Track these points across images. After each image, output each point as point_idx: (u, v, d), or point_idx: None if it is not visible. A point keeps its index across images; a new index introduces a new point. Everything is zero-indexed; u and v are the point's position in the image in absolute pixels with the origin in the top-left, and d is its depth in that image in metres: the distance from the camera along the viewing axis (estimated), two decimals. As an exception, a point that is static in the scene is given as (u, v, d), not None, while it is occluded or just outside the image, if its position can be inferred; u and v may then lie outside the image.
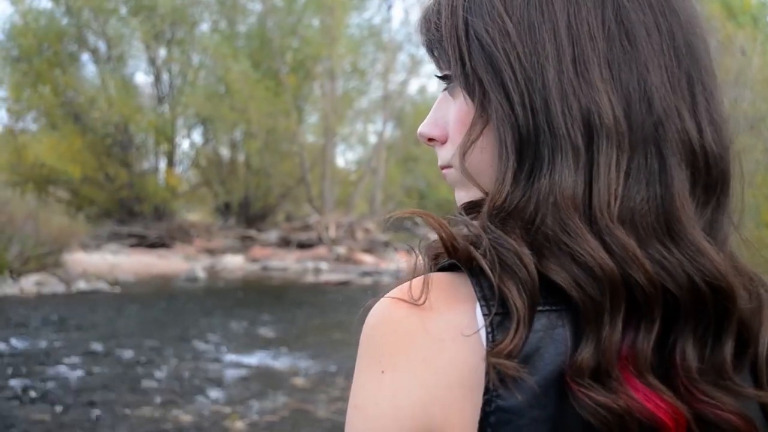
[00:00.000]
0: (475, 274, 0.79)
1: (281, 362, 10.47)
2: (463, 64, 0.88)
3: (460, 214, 0.90)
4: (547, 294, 0.77)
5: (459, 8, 0.90)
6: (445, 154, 0.98)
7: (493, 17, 0.87)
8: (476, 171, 0.90)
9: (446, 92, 0.96)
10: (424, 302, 0.78)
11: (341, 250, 28.67)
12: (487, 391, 0.75)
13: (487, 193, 0.86)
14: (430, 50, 0.97)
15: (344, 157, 53.80)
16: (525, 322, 0.75)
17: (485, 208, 0.84)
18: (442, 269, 0.84)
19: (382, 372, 0.78)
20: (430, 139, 1.00)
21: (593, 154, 0.81)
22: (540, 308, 0.77)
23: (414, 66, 38.21)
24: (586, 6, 0.84)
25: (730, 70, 10.23)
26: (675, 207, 0.79)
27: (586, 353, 0.74)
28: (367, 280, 22.45)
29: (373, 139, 40.52)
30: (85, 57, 36.06)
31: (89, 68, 37.28)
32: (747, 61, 10.65)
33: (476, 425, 0.75)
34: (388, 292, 0.83)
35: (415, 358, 0.77)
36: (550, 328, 0.77)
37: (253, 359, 10.64)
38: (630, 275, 0.76)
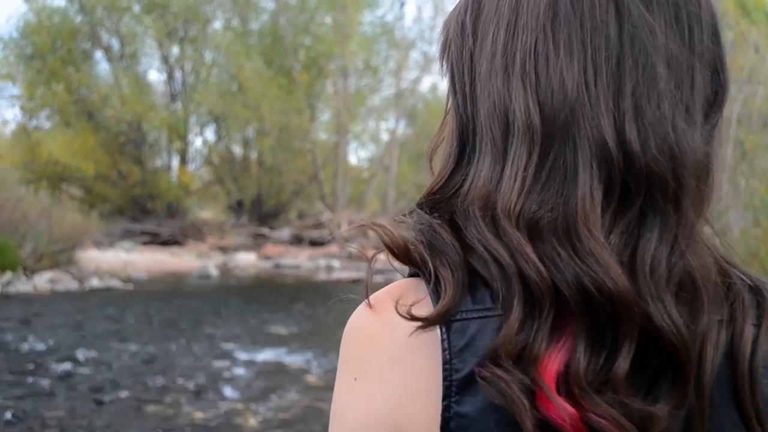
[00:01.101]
0: (425, 272, 0.81)
1: (294, 359, 10.48)
2: (441, 61, 0.94)
3: (419, 207, 0.90)
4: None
5: (456, 13, 0.93)
6: None
7: (457, 12, 0.91)
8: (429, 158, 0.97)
9: None
10: (388, 307, 0.81)
11: (353, 247, 28.64)
12: (445, 396, 0.75)
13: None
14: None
15: (357, 155, 53.98)
16: (455, 288, 0.77)
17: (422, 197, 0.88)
18: (412, 275, 0.86)
19: (355, 379, 0.80)
20: None
21: (507, 151, 0.82)
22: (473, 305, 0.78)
23: (427, 63, 38.17)
24: (523, 14, 0.83)
25: (743, 67, 10.18)
26: (576, 209, 0.76)
27: (498, 339, 0.74)
28: (380, 278, 22.37)
29: (385, 136, 40.54)
30: (99, 55, 36.21)
31: (102, 66, 37.37)
32: (761, 58, 10.60)
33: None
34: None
35: (382, 363, 0.78)
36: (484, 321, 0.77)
37: (266, 356, 10.65)
38: (522, 269, 0.74)
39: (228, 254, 28.74)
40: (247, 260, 27.50)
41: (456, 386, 0.75)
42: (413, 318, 0.76)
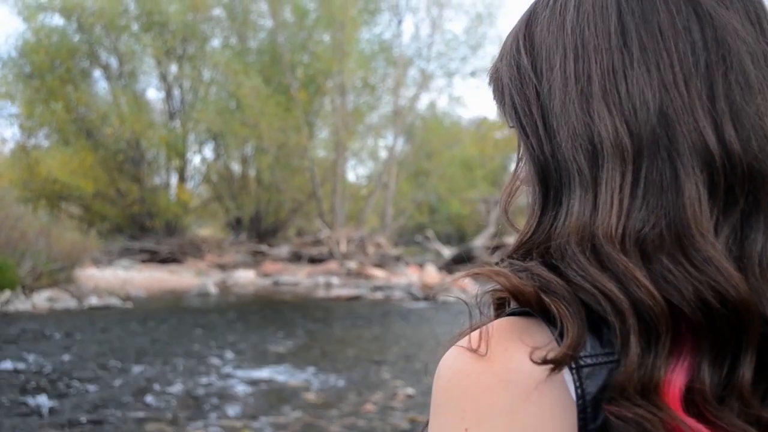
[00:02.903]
0: (550, 318, 0.76)
1: (292, 377, 10.45)
2: (504, 114, 0.92)
3: (509, 258, 0.86)
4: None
5: (498, 58, 0.94)
6: None
7: (511, 55, 0.90)
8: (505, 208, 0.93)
9: None
10: (502, 351, 0.76)
11: (352, 264, 28.65)
12: None
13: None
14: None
15: (355, 172, 53.91)
16: (578, 325, 0.74)
17: (514, 245, 0.86)
18: (511, 314, 0.81)
19: (466, 430, 0.74)
20: None
21: (597, 176, 0.79)
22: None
23: (424, 81, 38.28)
24: (594, 20, 0.84)
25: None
26: (686, 216, 0.74)
27: (620, 375, 0.71)
28: (379, 295, 22.42)
29: (383, 154, 40.60)
30: (97, 73, 36.38)
31: (101, 84, 37.49)
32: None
33: None
34: (457, 341, 0.79)
35: (500, 413, 0.73)
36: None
37: (265, 374, 10.63)
38: (635, 297, 0.72)
39: (227, 272, 28.72)
40: (245, 278, 27.47)
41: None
42: (546, 361, 0.72)
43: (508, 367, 0.74)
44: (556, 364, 0.72)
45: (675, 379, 0.71)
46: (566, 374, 0.73)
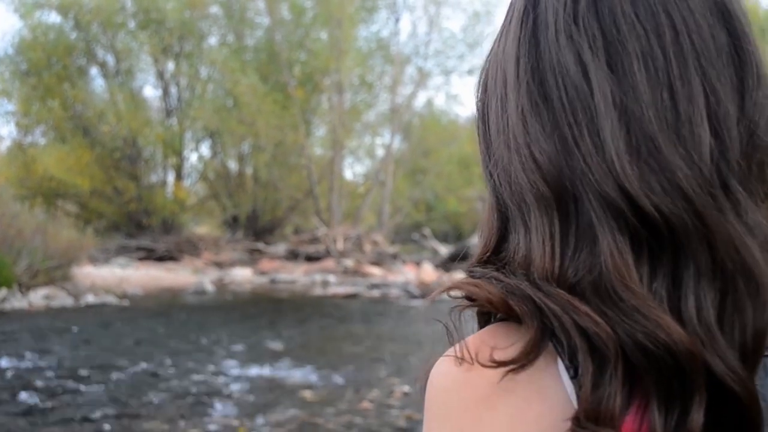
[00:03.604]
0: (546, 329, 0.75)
1: (290, 375, 10.45)
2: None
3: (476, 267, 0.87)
4: None
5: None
6: None
7: (478, 94, 0.94)
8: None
9: None
10: (498, 360, 0.74)
11: (349, 262, 28.66)
12: None
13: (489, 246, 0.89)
14: None
15: (352, 170, 54.07)
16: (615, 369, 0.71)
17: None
18: (498, 320, 0.81)
19: None
20: None
21: (527, 221, 0.80)
22: None
23: (422, 79, 38.30)
24: (506, 66, 0.85)
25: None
26: (606, 267, 0.72)
27: (580, 399, 0.70)
28: (375, 293, 22.43)
29: (380, 152, 40.62)
30: (94, 71, 36.35)
31: (98, 82, 37.58)
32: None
33: None
34: (447, 351, 0.79)
35: (501, 421, 0.73)
36: None
37: (262, 372, 10.63)
38: (576, 321, 0.71)
39: (223, 270, 28.72)
40: (242, 276, 27.47)
41: None
42: (497, 363, 0.73)
43: (496, 374, 0.73)
44: (507, 365, 0.72)
45: (631, 419, 0.69)
46: (565, 378, 0.72)
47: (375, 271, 28.10)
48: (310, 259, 30.41)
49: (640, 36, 0.78)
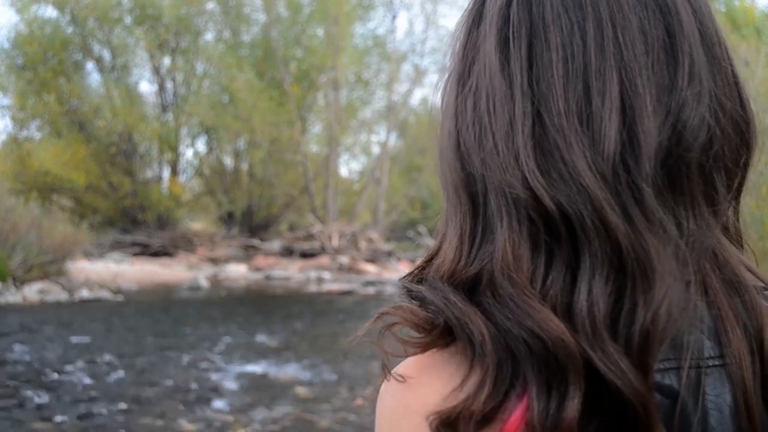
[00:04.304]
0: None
1: (284, 371, 10.46)
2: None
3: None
4: None
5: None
6: None
7: (445, 91, 0.90)
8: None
9: None
10: (418, 380, 0.77)
11: (344, 259, 28.65)
12: None
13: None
14: None
15: (348, 167, 53.95)
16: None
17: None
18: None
19: None
20: None
21: (454, 214, 0.82)
22: None
23: (418, 76, 38.29)
24: (463, 53, 0.85)
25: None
26: (497, 263, 0.74)
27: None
28: (370, 290, 22.44)
29: (376, 149, 40.60)
30: (90, 66, 36.19)
31: (94, 77, 37.37)
32: (750, 73, 10.65)
33: None
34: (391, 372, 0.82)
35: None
36: None
37: (256, 368, 10.64)
38: (449, 318, 0.75)
39: (218, 266, 28.71)
40: (237, 272, 27.46)
41: None
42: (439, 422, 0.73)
43: (417, 394, 0.76)
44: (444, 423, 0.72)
45: (514, 409, 0.70)
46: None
47: (370, 268, 28.10)
48: (305, 255, 30.39)
49: (563, 28, 0.78)
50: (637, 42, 0.77)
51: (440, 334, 0.77)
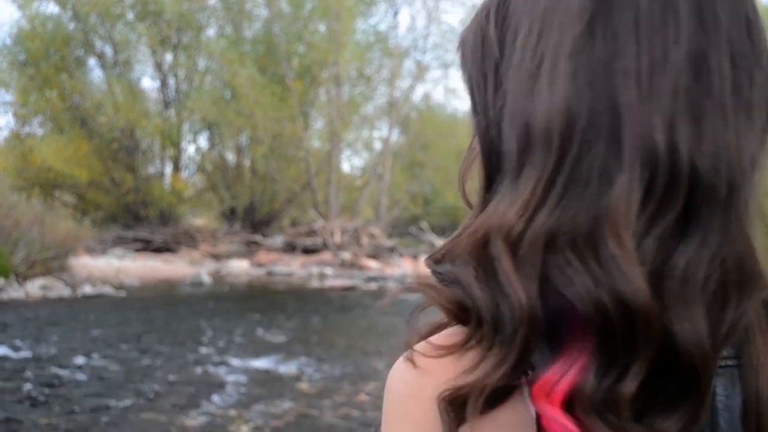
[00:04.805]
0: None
1: (286, 367, 10.46)
2: (464, 82, 0.85)
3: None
4: None
5: (468, 25, 0.86)
6: None
7: (478, 23, 0.84)
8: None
9: None
10: (430, 361, 0.74)
11: (346, 255, 28.65)
12: None
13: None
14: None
15: (350, 163, 53.98)
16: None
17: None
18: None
19: None
20: None
21: (524, 165, 0.74)
22: None
23: (420, 72, 38.24)
24: None
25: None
26: (606, 214, 0.69)
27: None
28: (373, 286, 22.43)
29: (378, 145, 40.58)
30: (92, 62, 36.25)
31: (96, 73, 37.49)
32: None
33: None
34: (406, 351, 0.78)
35: (406, 421, 0.74)
36: None
37: (258, 364, 10.64)
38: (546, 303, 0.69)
39: (221, 261, 28.72)
40: (239, 267, 27.47)
41: None
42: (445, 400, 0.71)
43: (428, 376, 0.73)
44: (453, 402, 0.71)
45: (563, 378, 0.68)
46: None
47: (372, 264, 28.10)
48: (308, 251, 30.39)
49: None
50: None
51: (464, 314, 0.75)
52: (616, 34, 0.72)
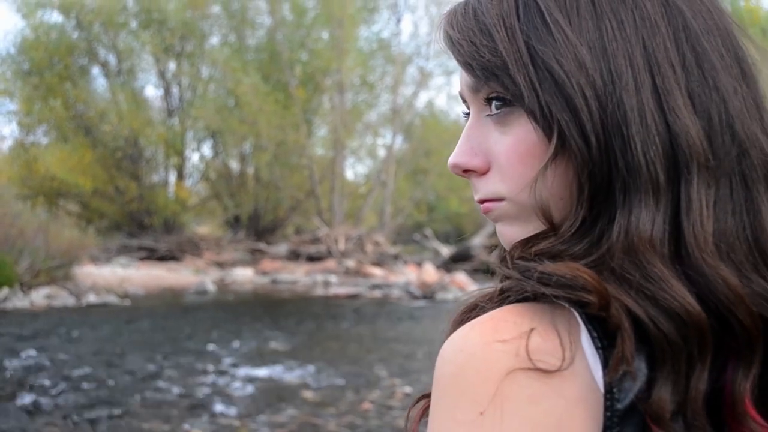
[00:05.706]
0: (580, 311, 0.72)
1: (290, 375, 10.45)
2: (537, 96, 0.79)
3: (521, 252, 0.80)
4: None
5: (517, 31, 0.81)
6: (491, 186, 0.86)
7: (563, 44, 0.79)
8: (540, 205, 0.80)
9: (489, 118, 0.86)
10: (520, 336, 0.70)
11: (350, 263, 28.63)
12: (606, 428, 0.69)
13: (553, 228, 0.80)
14: (486, 74, 0.84)
15: (353, 170, 54.04)
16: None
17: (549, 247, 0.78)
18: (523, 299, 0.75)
19: (481, 413, 0.67)
20: (466, 171, 0.87)
21: (678, 190, 0.74)
22: None
23: (423, 79, 38.27)
24: (660, 32, 0.77)
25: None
26: (699, 235, 0.71)
27: (664, 395, 0.68)
28: (377, 293, 22.41)
29: (382, 152, 40.58)
30: (96, 70, 36.37)
31: (99, 81, 37.53)
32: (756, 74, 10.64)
33: None
34: (467, 324, 0.73)
35: (519, 396, 0.68)
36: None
37: (263, 372, 10.63)
38: (731, 314, 0.70)
39: (225, 270, 28.70)
40: (244, 276, 27.46)
41: (618, 416, 0.69)
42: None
43: (528, 350, 0.69)
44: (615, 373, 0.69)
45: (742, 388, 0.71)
46: (591, 358, 0.70)
47: (376, 271, 28.07)
48: (312, 259, 30.38)
49: None
50: None
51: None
52: (712, 66, 0.78)
